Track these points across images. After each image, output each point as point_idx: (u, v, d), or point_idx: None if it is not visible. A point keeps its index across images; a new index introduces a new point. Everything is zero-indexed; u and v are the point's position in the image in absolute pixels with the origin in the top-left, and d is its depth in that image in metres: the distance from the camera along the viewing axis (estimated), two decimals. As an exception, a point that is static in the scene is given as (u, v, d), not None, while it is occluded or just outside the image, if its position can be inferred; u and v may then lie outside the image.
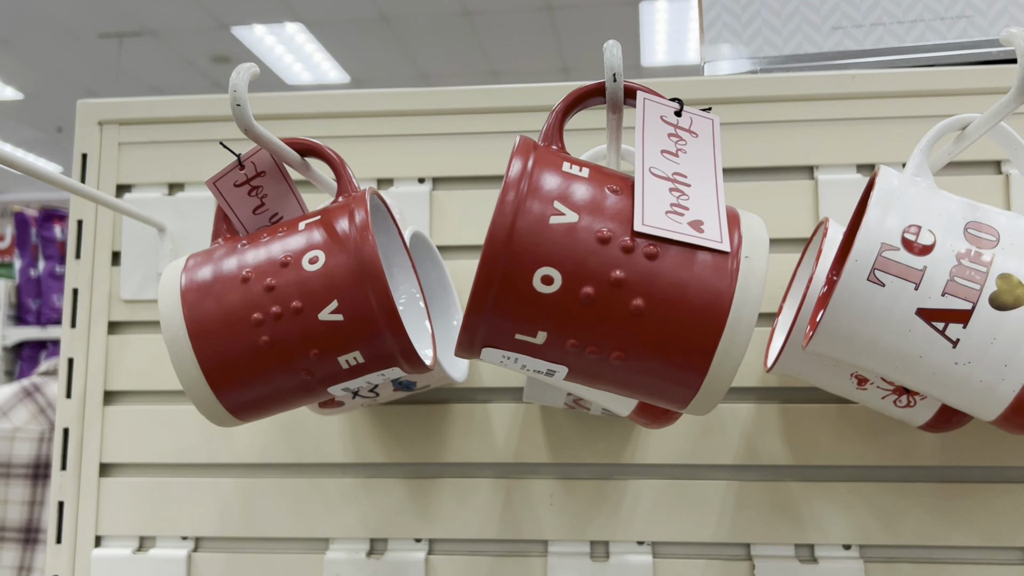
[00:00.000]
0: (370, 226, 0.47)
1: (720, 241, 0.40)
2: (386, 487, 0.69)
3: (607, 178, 0.41)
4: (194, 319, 0.47)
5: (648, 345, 0.40)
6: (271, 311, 0.46)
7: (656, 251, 0.39)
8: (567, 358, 0.41)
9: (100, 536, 0.71)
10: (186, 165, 0.74)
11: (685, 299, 0.39)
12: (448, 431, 0.69)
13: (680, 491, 0.67)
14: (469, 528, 0.68)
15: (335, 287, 0.46)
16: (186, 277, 0.49)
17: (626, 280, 0.39)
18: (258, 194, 0.54)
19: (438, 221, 0.71)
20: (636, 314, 0.39)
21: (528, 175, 0.40)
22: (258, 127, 0.48)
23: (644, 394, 0.42)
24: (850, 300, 0.45)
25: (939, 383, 0.46)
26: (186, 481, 0.71)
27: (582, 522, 0.67)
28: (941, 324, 0.44)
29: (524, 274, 0.39)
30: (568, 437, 0.68)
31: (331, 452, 0.70)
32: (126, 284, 0.73)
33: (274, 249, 0.48)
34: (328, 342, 0.46)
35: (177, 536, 0.70)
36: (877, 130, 0.68)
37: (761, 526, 0.66)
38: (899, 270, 0.45)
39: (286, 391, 0.49)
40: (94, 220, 0.74)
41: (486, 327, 0.40)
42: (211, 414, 0.49)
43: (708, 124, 0.44)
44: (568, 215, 0.39)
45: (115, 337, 0.73)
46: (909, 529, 0.65)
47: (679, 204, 0.41)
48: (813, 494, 0.65)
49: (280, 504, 0.70)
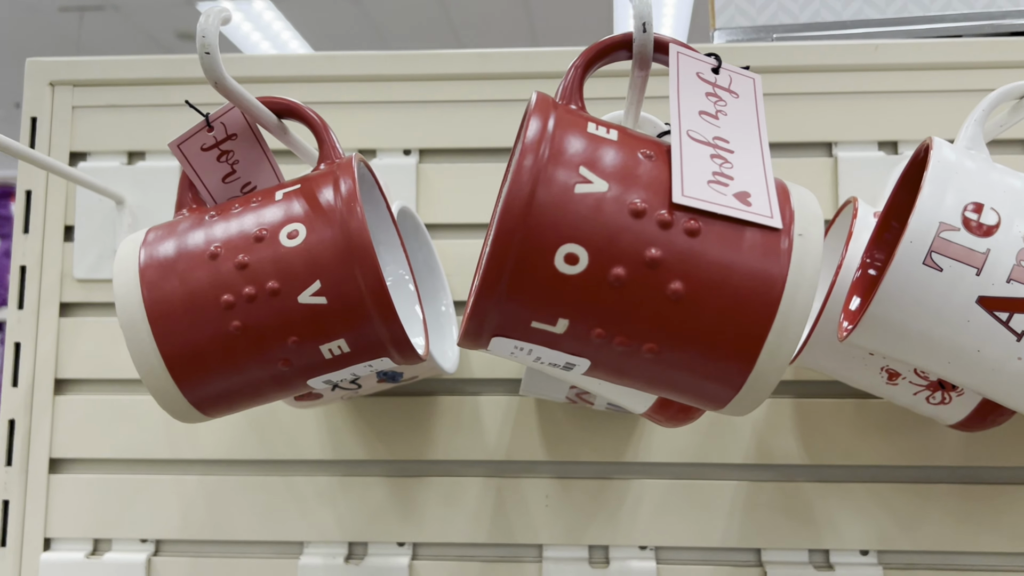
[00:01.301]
0: (358, 196, 0.41)
1: (771, 216, 0.34)
2: (366, 486, 0.63)
3: (639, 142, 0.36)
4: (154, 301, 0.41)
5: (686, 335, 0.34)
6: (243, 292, 0.40)
7: (698, 226, 0.34)
8: (591, 350, 0.35)
9: (50, 539, 0.64)
10: (147, 132, 0.67)
11: (731, 282, 0.34)
12: (435, 425, 0.63)
13: (686, 492, 0.62)
14: (457, 531, 0.63)
15: (317, 266, 0.40)
16: (145, 252, 0.43)
17: (663, 260, 0.33)
18: (228, 160, 0.47)
19: (425, 197, 0.65)
20: (674, 299, 0.34)
21: (549, 137, 0.34)
22: (230, 80, 0.41)
23: (676, 392, 0.37)
24: (903, 287, 0.40)
25: (997, 380, 0.41)
26: (145, 478, 0.64)
27: (580, 525, 0.62)
28: (1005, 314, 0.39)
29: (545, 252, 0.33)
30: (566, 433, 0.63)
31: (306, 448, 0.64)
32: (80, 262, 0.66)
33: (247, 221, 0.42)
34: (309, 328, 0.41)
35: (135, 538, 0.64)
36: (900, 104, 0.64)
37: (773, 530, 0.61)
38: (959, 253, 0.39)
39: (260, 384, 0.43)
40: (44, 191, 0.67)
41: (498, 313, 0.35)
42: (173, 409, 0.43)
43: (749, 84, 0.39)
44: (596, 184, 0.34)
45: (67, 320, 0.66)
46: (931, 534, 0.60)
47: (722, 173, 0.35)
48: (828, 495, 0.61)
49: (249, 504, 0.64)
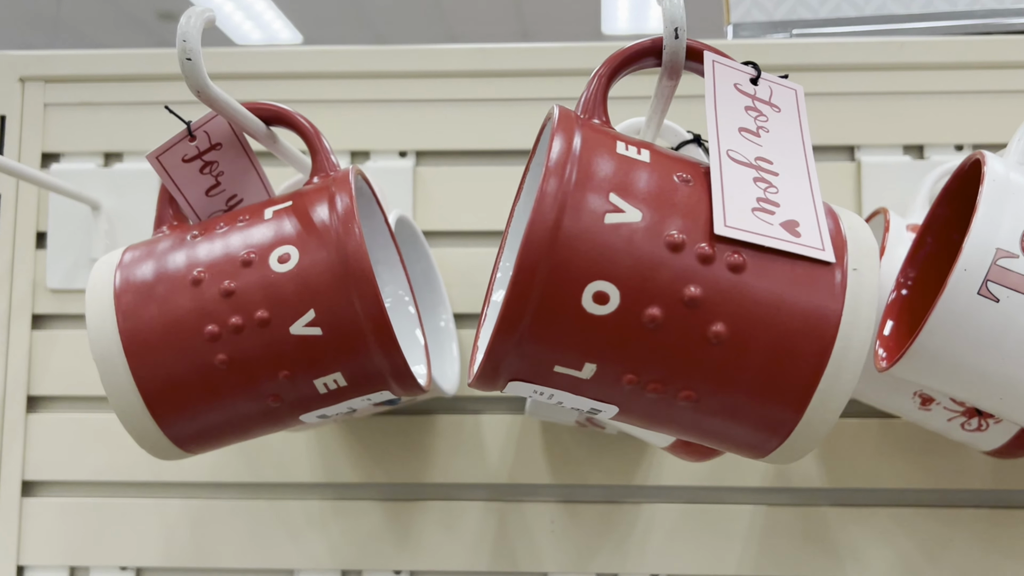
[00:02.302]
0: (357, 216, 0.37)
1: (822, 248, 0.31)
2: (360, 511, 0.60)
3: (674, 163, 0.32)
4: (131, 331, 0.37)
5: (729, 382, 0.31)
6: (230, 323, 0.37)
7: (743, 261, 0.30)
8: (620, 396, 0.32)
9: (23, 566, 0.61)
10: (125, 131, 0.63)
11: (779, 323, 0.30)
12: (433, 446, 0.60)
13: (700, 517, 0.58)
14: (456, 558, 0.59)
15: (311, 293, 0.36)
16: (121, 275, 0.39)
17: (704, 298, 0.30)
18: (212, 171, 0.43)
19: (422, 202, 0.61)
20: (715, 342, 0.30)
21: (576, 159, 0.31)
22: (214, 88, 0.37)
23: (714, 440, 0.33)
24: (955, 319, 0.37)
25: (1053, 418, 0.38)
26: (125, 502, 0.60)
27: (587, 552, 0.59)
28: (1066, 349, 0.36)
29: (572, 290, 0.30)
30: (572, 454, 0.59)
31: (296, 471, 0.60)
32: (53, 271, 0.62)
33: (234, 243, 0.38)
34: (302, 362, 0.37)
35: (115, 566, 0.60)
36: (927, 106, 0.60)
37: (791, 557, 0.58)
38: (1018, 282, 0.36)
39: (247, 420, 0.39)
40: (15, 195, 0.63)
41: (518, 356, 0.31)
42: (152, 447, 0.39)
43: (791, 96, 0.35)
44: (629, 213, 0.30)
45: (40, 332, 0.62)
46: (956, 562, 0.57)
47: (767, 199, 0.31)
48: (850, 521, 0.58)
49: (236, 530, 0.60)
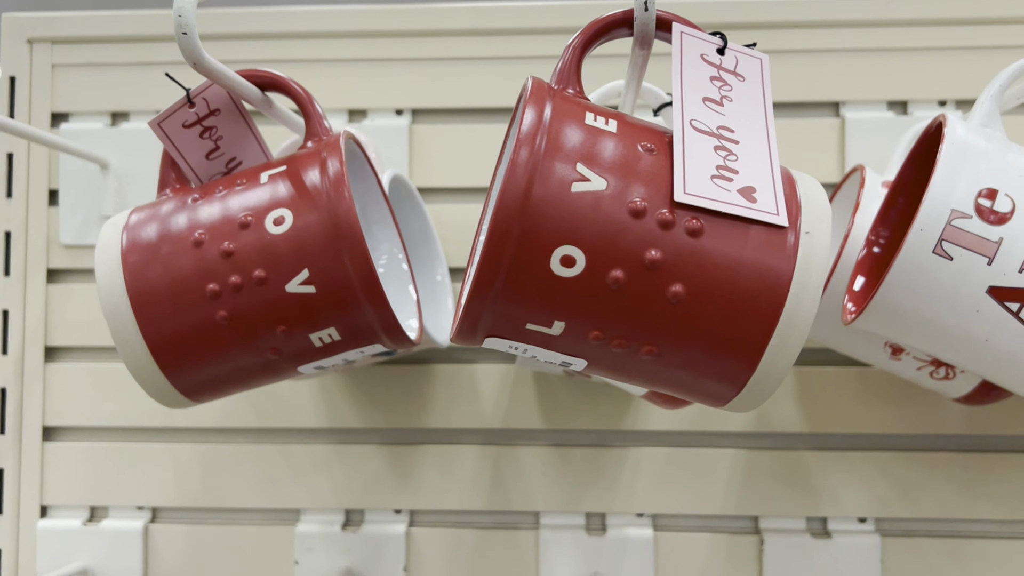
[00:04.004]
0: (346, 180, 0.39)
1: (776, 213, 0.33)
2: (362, 454, 0.63)
3: (640, 133, 0.34)
4: (138, 289, 0.40)
5: (687, 339, 0.33)
6: (229, 281, 0.39)
7: (700, 226, 0.32)
8: (588, 351, 0.34)
9: (46, 506, 0.64)
10: (131, 91, 0.65)
11: (734, 285, 0.32)
12: (431, 394, 0.63)
13: (684, 460, 0.61)
14: (453, 499, 0.62)
15: (305, 253, 0.39)
16: (127, 237, 0.41)
17: (663, 262, 0.32)
18: (212, 136, 0.46)
19: (418, 160, 0.63)
20: (674, 302, 0.32)
21: (546, 129, 0.33)
22: (209, 60, 0.39)
23: (676, 390, 0.36)
24: (911, 275, 0.39)
25: (1004, 369, 0.40)
26: (140, 446, 0.64)
27: (577, 493, 0.62)
28: (1015, 305, 0.38)
29: (540, 254, 0.32)
30: (563, 401, 0.62)
31: (301, 416, 0.63)
32: (66, 227, 0.65)
33: (232, 206, 0.41)
34: (298, 318, 0.39)
35: (132, 506, 0.64)
36: (912, 62, 0.61)
37: (771, 498, 0.61)
38: (971, 242, 0.38)
39: (248, 372, 0.42)
40: (27, 154, 0.65)
41: (492, 315, 0.33)
42: (160, 396, 0.42)
43: (756, 65, 0.37)
44: (594, 181, 0.32)
45: (55, 286, 0.65)
46: (930, 502, 0.60)
47: (726, 166, 0.33)
48: (827, 464, 0.60)
49: (245, 472, 0.63)
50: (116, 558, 0.63)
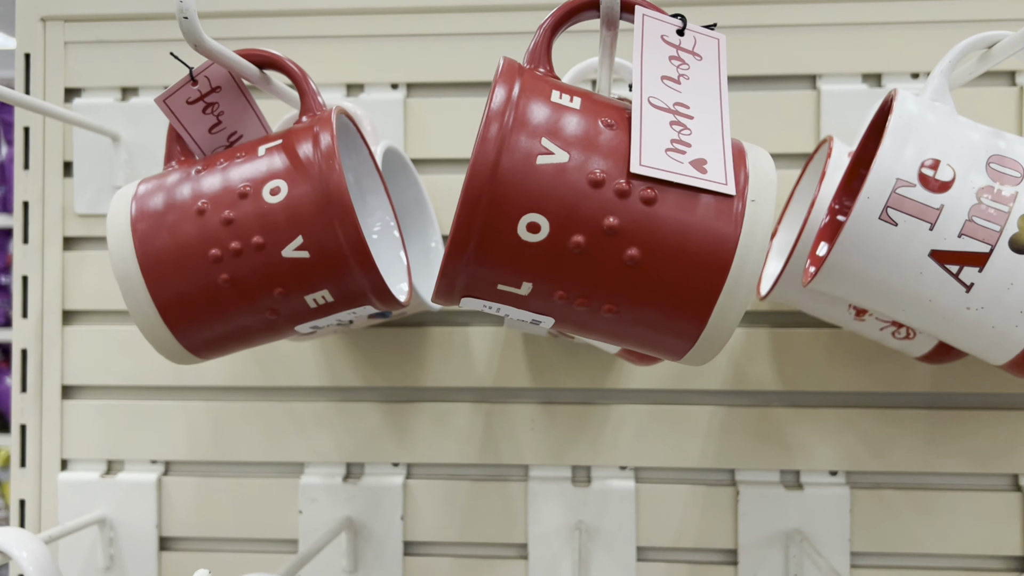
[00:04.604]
0: (336, 153, 0.42)
1: (724, 183, 0.36)
2: (362, 411, 0.67)
3: (601, 109, 0.37)
4: (146, 254, 0.43)
5: (642, 298, 0.36)
6: (230, 247, 0.42)
7: (654, 195, 0.35)
8: (554, 310, 0.38)
9: (66, 460, 0.69)
10: (140, 67, 0.68)
11: (684, 248, 0.35)
12: (426, 355, 0.66)
13: (665, 416, 0.65)
14: (448, 453, 0.66)
15: (299, 221, 0.42)
16: (136, 206, 0.44)
17: (620, 228, 0.35)
18: (214, 111, 0.49)
19: (413, 132, 0.66)
20: (630, 265, 0.35)
21: (514, 106, 0.36)
22: (209, 42, 0.42)
23: (635, 344, 0.39)
24: (859, 240, 0.42)
25: (948, 327, 0.43)
26: (153, 404, 0.68)
27: (564, 447, 0.65)
28: (955, 267, 0.41)
29: (508, 221, 0.35)
30: (550, 361, 0.65)
31: (304, 376, 0.67)
32: (80, 197, 0.68)
33: (232, 177, 0.44)
34: (293, 281, 0.43)
35: (146, 460, 0.68)
36: (886, 36, 0.64)
37: (746, 451, 0.64)
38: (914, 208, 0.41)
39: (249, 330, 0.45)
40: (42, 128, 0.68)
41: (466, 276, 0.37)
42: (169, 353, 0.45)
43: (713, 45, 0.40)
44: (557, 154, 0.35)
45: (71, 253, 0.68)
46: (898, 456, 0.63)
47: (680, 140, 0.36)
48: (801, 420, 0.64)
49: (252, 428, 0.67)
50: (131, 508, 0.67)
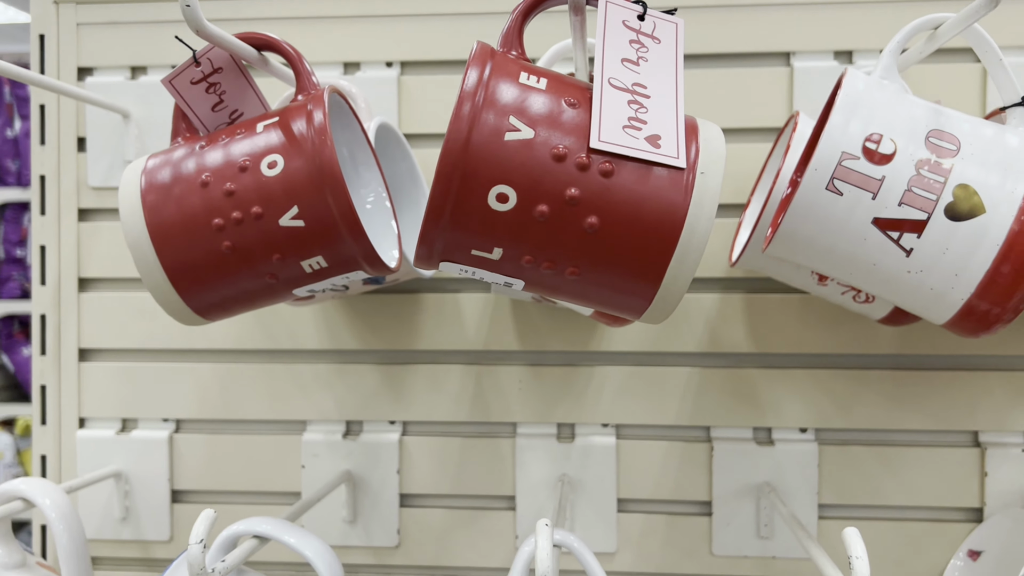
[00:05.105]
0: (328, 129, 0.46)
1: (676, 157, 0.39)
2: (360, 373, 0.71)
3: (565, 89, 0.41)
4: (155, 223, 0.47)
5: (602, 262, 0.40)
6: (232, 216, 0.46)
7: (611, 168, 0.39)
8: (523, 273, 0.41)
9: (83, 418, 0.73)
10: (148, 47, 0.72)
11: (639, 217, 0.39)
12: (420, 320, 0.70)
13: (644, 377, 0.69)
14: (441, 411, 0.70)
15: (295, 193, 0.46)
16: (146, 179, 0.48)
17: (580, 198, 0.39)
18: (216, 91, 0.52)
19: (407, 108, 0.70)
20: (590, 232, 0.39)
21: (484, 86, 0.39)
22: (210, 27, 0.46)
23: (598, 305, 0.43)
24: (808, 209, 0.45)
25: (892, 289, 0.47)
26: (165, 366, 0.72)
27: (549, 406, 0.69)
28: (896, 233, 0.45)
29: (479, 192, 0.39)
30: (536, 325, 0.69)
31: (306, 339, 0.71)
32: (93, 171, 0.72)
33: (233, 152, 0.48)
34: (290, 247, 0.47)
35: (158, 418, 0.73)
36: (857, 14, 0.67)
37: (721, 410, 0.68)
38: (858, 180, 0.44)
39: (251, 293, 0.49)
40: (57, 105, 0.72)
41: (442, 242, 0.41)
42: (177, 315, 0.49)
43: (671, 29, 0.43)
44: (524, 131, 0.39)
45: (86, 224, 0.73)
46: (864, 414, 0.67)
47: (637, 118, 0.40)
48: (772, 380, 0.68)
49: (257, 388, 0.72)
50: (145, 463, 0.72)
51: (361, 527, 0.70)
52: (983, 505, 0.66)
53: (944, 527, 0.67)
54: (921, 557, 0.67)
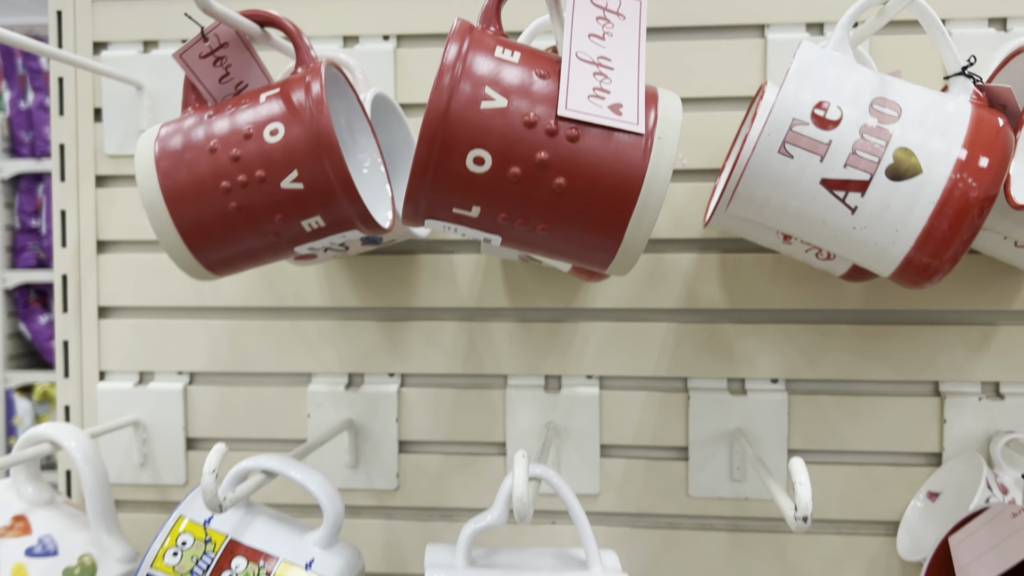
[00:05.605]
0: (325, 99, 0.50)
1: (636, 123, 0.44)
2: (361, 328, 0.76)
3: (536, 62, 0.45)
4: (168, 186, 0.52)
5: (569, 219, 0.44)
6: (238, 180, 0.51)
7: (577, 134, 0.43)
8: (499, 229, 0.46)
9: (104, 371, 0.78)
10: (159, 21, 0.76)
11: (602, 178, 0.43)
12: (416, 279, 0.75)
13: (626, 332, 0.73)
14: (436, 364, 0.75)
15: (294, 158, 0.50)
16: (159, 146, 0.53)
17: (549, 161, 0.43)
18: (223, 64, 0.57)
19: (403, 80, 0.74)
20: (559, 192, 0.44)
21: (463, 59, 0.44)
22: (216, 5, 0.50)
23: (569, 259, 0.48)
24: (762, 170, 0.50)
25: (841, 244, 0.51)
26: (179, 323, 0.77)
27: (537, 359, 0.74)
28: (842, 193, 0.49)
29: (458, 155, 0.43)
30: (525, 284, 0.74)
31: (310, 297, 0.76)
32: (109, 140, 0.77)
33: (238, 121, 0.52)
34: (291, 208, 0.51)
35: (173, 371, 0.78)
36: (827, -12, 0.70)
37: (697, 362, 0.73)
38: (807, 143, 0.49)
39: (257, 250, 0.54)
40: (74, 77, 0.77)
41: (426, 202, 0.45)
42: (189, 270, 0.54)
43: (636, 6, 0.47)
44: (498, 100, 0.43)
45: (103, 190, 0.77)
46: (831, 365, 0.72)
47: (601, 88, 0.44)
48: (745, 334, 0.72)
49: (265, 343, 0.77)
50: (161, 413, 0.77)
51: (363, 471, 0.76)
52: (942, 450, 0.71)
53: (905, 471, 0.71)
54: (884, 499, 0.72)
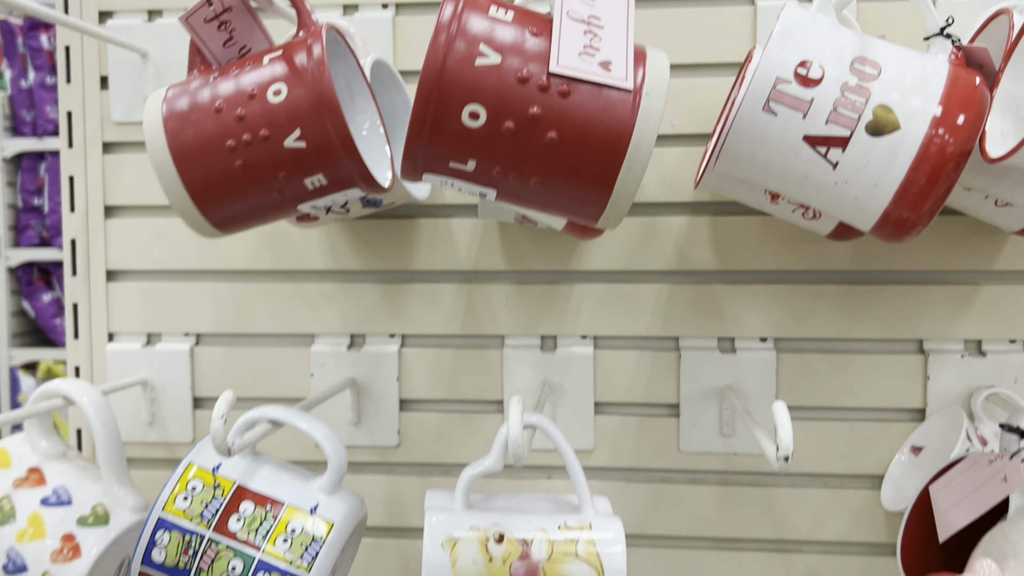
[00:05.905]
0: (326, 61, 0.52)
1: (625, 80, 0.45)
2: (362, 291, 0.78)
3: (529, 21, 0.47)
4: (176, 145, 0.54)
5: (561, 172, 0.46)
6: (242, 139, 0.53)
7: (568, 90, 0.45)
8: (494, 182, 0.48)
9: (112, 333, 0.81)
10: (162, -9, 0.78)
11: (592, 132, 0.45)
12: (416, 242, 0.77)
13: (619, 293, 0.75)
14: (436, 325, 0.77)
15: (297, 117, 0.52)
16: (166, 107, 0.55)
17: (542, 116, 0.45)
18: (227, 28, 0.59)
19: (401, 46, 0.76)
20: (550, 145, 0.46)
21: (458, 18, 0.46)
22: (220, -30, 0.52)
23: (561, 212, 0.50)
24: (747, 128, 0.52)
25: (823, 199, 0.53)
26: (185, 285, 0.79)
27: (533, 320, 0.76)
28: (823, 149, 0.51)
29: (454, 110, 0.45)
30: (522, 247, 0.76)
31: (312, 260, 0.78)
32: (115, 107, 0.79)
33: (242, 82, 0.54)
34: (294, 166, 0.53)
35: (180, 333, 0.80)
36: (816, -44, 0.72)
37: (689, 322, 0.75)
38: (790, 101, 0.51)
39: (262, 207, 0.56)
40: (81, 46, 0.79)
41: (424, 156, 0.47)
42: (198, 227, 0.56)
43: (624, -31, 0.49)
44: (492, 57, 0.45)
45: (110, 156, 0.79)
46: (819, 324, 0.74)
47: (591, 45, 0.46)
48: (736, 295, 0.74)
49: (269, 305, 0.79)
50: (168, 373, 0.79)
51: (365, 428, 0.78)
52: (925, 406, 0.73)
53: (890, 426, 0.74)
54: (869, 453, 0.74)
